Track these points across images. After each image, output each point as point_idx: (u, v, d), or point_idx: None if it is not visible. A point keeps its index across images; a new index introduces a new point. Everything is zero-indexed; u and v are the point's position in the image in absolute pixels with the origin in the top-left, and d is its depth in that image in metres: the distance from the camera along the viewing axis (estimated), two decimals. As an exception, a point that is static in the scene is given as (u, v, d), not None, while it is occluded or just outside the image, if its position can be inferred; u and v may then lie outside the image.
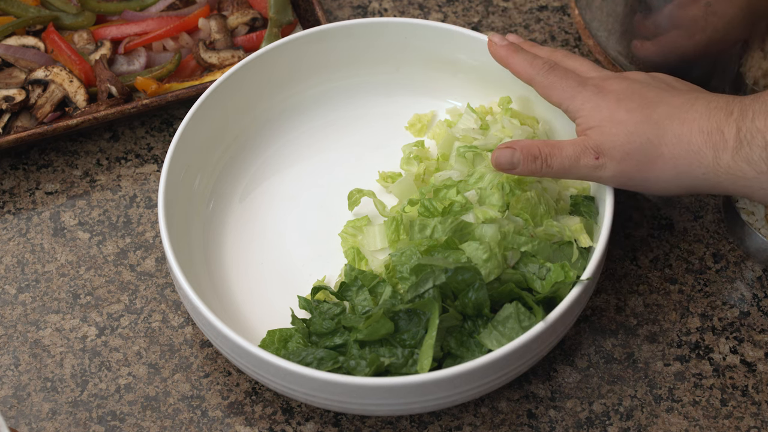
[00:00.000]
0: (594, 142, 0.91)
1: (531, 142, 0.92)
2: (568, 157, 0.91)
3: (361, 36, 1.06)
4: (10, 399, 0.95)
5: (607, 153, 0.90)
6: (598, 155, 0.90)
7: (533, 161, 0.92)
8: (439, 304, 0.88)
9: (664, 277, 1.01)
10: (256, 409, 0.95)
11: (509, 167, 0.92)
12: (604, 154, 0.90)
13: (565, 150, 0.91)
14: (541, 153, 0.92)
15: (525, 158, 0.92)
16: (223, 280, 0.99)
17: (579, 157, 0.91)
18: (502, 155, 0.93)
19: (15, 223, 1.05)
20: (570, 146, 0.91)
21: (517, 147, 0.92)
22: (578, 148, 0.91)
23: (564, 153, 0.91)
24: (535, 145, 0.92)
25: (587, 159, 0.91)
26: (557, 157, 0.91)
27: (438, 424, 0.94)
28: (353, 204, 1.01)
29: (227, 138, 1.05)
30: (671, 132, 0.89)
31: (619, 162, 0.90)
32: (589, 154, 0.91)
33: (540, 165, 0.92)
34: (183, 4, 1.17)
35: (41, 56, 1.12)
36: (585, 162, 0.91)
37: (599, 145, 0.90)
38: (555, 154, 0.92)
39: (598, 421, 0.94)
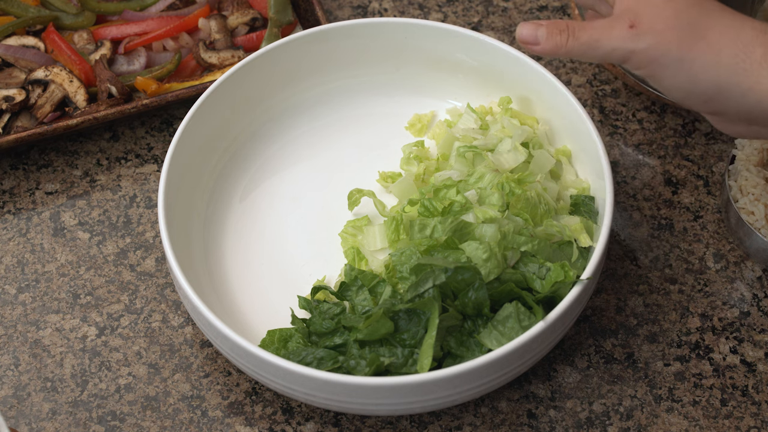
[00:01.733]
0: (633, 10, 0.83)
1: (557, 20, 0.86)
2: (598, 27, 0.84)
3: (361, 36, 1.06)
4: (10, 399, 0.95)
5: (645, 21, 0.83)
6: (633, 22, 0.83)
7: (559, 34, 0.85)
8: (439, 303, 0.88)
9: (664, 277, 1.01)
10: (256, 409, 0.95)
11: (532, 41, 0.86)
12: (641, 22, 0.83)
13: (596, 23, 0.84)
14: (569, 26, 0.85)
15: (550, 31, 0.85)
16: (223, 280, 0.99)
17: (611, 26, 0.83)
18: (526, 28, 0.86)
19: (15, 223, 1.05)
20: (602, 21, 0.84)
21: (543, 23, 0.86)
22: (611, 21, 0.84)
23: (594, 25, 0.84)
24: (564, 21, 0.86)
25: (621, 27, 0.83)
26: (585, 30, 0.84)
27: (438, 424, 0.94)
28: (353, 204, 1.01)
29: (227, 138, 1.05)
30: (722, 21, 0.82)
31: (658, 33, 0.83)
32: (623, 21, 0.83)
33: (566, 38, 0.85)
34: (183, 4, 1.17)
35: (41, 56, 1.12)
36: (618, 32, 0.83)
37: (639, 14, 0.83)
38: (584, 26, 0.84)
39: (598, 421, 0.94)
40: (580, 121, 0.98)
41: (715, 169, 1.07)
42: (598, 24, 0.84)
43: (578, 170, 1.02)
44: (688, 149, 1.09)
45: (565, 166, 1.01)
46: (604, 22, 0.84)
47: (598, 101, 1.12)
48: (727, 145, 1.09)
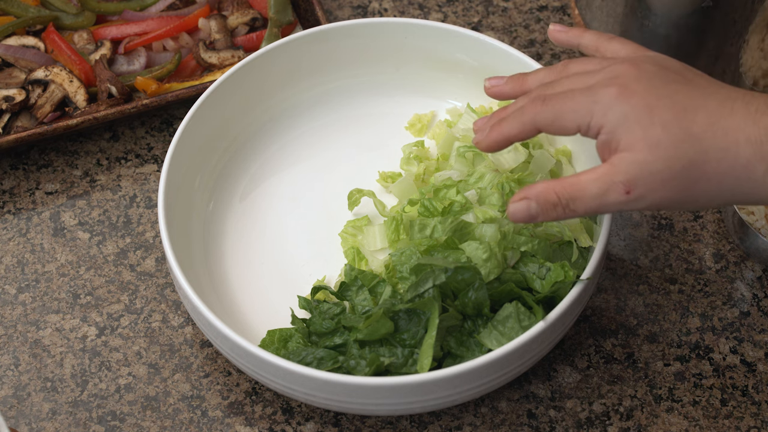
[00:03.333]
0: (623, 174, 0.77)
1: (545, 187, 0.80)
2: (592, 197, 0.79)
3: (361, 36, 1.06)
4: (10, 399, 0.95)
5: (641, 184, 0.77)
6: (629, 189, 0.78)
7: (553, 209, 0.80)
8: (439, 303, 0.88)
9: (664, 277, 1.01)
10: (256, 409, 0.95)
11: (528, 219, 0.81)
12: (637, 186, 0.77)
13: (588, 189, 0.79)
14: (561, 199, 0.80)
15: (543, 207, 0.80)
16: (223, 280, 0.99)
17: (606, 194, 0.78)
18: (517, 210, 0.81)
19: (15, 223, 1.05)
20: (593, 183, 0.79)
21: (531, 196, 0.81)
22: (603, 185, 0.78)
23: (587, 194, 0.79)
24: (551, 190, 0.80)
25: (616, 195, 0.78)
26: (580, 201, 0.79)
27: (438, 424, 0.94)
28: (353, 204, 1.01)
29: (227, 138, 1.05)
30: (715, 146, 0.77)
31: (656, 191, 0.78)
32: (617, 189, 0.78)
33: (562, 211, 0.80)
34: (183, 4, 1.17)
35: (41, 56, 1.12)
36: (614, 199, 0.78)
37: (631, 178, 0.77)
38: (576, 197, 0.79)
39: (598, 421, 0.94)
40: (580, 121, 0.98)
41: (715, 169, 1.07)
42: (591, 192, 0.79)
43: (578, 170, 1.02)
44: (688, 149, 1.09)
45: (565, 166, 1.01)
46: (596, 188, 0.78)
47: (598, 101, 1.12)
48: (727, 145, 1.09)
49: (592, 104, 0.79)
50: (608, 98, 0.78)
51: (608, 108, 0.78)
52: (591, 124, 0.79)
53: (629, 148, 0.77)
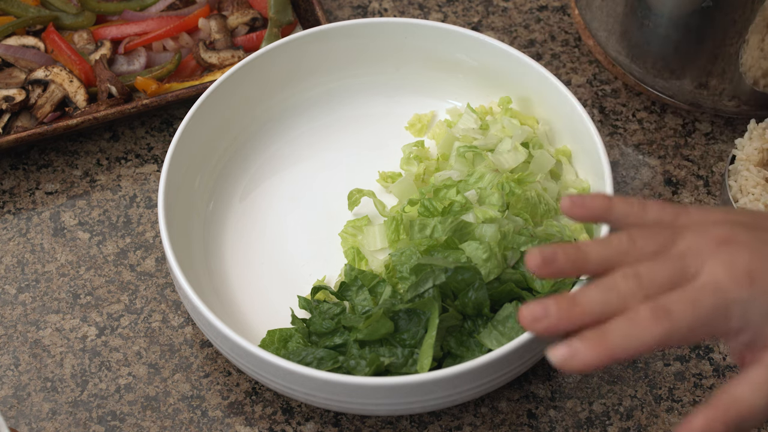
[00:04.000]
0: None
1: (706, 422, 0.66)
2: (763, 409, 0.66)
3: (361, 36, 1.06)
4: (10, 399, 0.95)
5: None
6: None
7: None
8: (439, 303, 0.88)
9: (664, 277, 1.01)
10: (256, 409, 0.95)
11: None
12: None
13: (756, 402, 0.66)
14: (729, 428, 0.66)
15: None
16: (223, 280, 0.99)
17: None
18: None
19: (15, 223, 1.05)
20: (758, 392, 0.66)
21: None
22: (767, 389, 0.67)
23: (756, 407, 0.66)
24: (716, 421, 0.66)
25: None
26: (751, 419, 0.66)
27: (438, 424, 0.94)
28: (353, 204, 1.01)
29: (227, 138, 1.05)
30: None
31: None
32: None
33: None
34: (183, 4, 1.17)
35: (41, 56, 1.12)
36: None
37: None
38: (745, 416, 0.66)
39: (598, 421, 0.94)
40: (580, 121, 0.98)
41: (715, 169, 1.07)
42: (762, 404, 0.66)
43: (578, 170, 1.02)
44: (688, 149, 1.09)
45: (565, 166, 1.01)
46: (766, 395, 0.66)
47: (598, 101, 1.12)
48: (727, 145, 1.09)
49: (727, 307, 0.67)
50: (744, 293, 0.67)
51: (747, 305, 0.67)
52: (730, 329, 0.67)
53: None
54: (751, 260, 0.67)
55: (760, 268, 0.67)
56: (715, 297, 0.66)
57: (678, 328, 0.66)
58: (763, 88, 1.03)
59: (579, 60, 1.15)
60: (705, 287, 0.67)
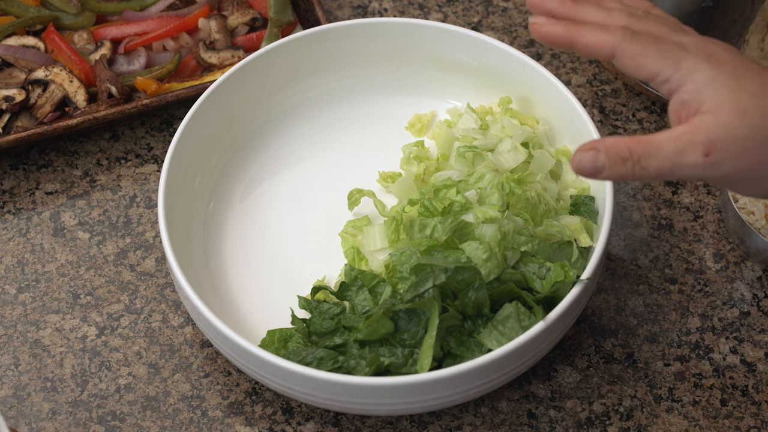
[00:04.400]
0: (705, 134, 0.74)
1: (617, 141, 0.75)
2: (667, 156, 0.74)
3: (361, 36, 1.06)
4: (10, 399, 0.95)
5: (722, 148, 0.74)
6: (709, 151, 0.74)
7: (622, 164, 0.75)
8: (439, 303, 0.88)
9: (664, 277, 1.01)
10: (256, 409, 0.95)
11: (593, 172, 0.76)
12: (717, 149, 0.74)
13: (664, 147, 0.74)
14: (632, 154, 0.75)
15: (612, 161, 0.75)
16: (223, 280, 0.99)
17: (682, 154, 0.74)
18: (584, 159, 0.75)
19: (15, 223, 1.05)
20: (670, 142, 0.75)
21: (601, 148, 0.75)
22: (681, 144, 0.74)
23: (662, 152, 0.74)
24: (624, 145, 0.75)
25: (694, 156, 0.74)
26: (653, 158, 0.75)
27: (438, 424, 0.94)
28: (353, 204, 1.01)
29: (227, 138, 1.05)
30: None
31: (735, 158, 0.74)
32: (696, 150, 0.74)
33: (631, 168, 0.75)
34: (183, 4, 1.17)
35: (41, 56, 1.12)
36: (691, 160, 0.74)
37: (712, 139, 0.74)
38: (650, 154, 0.75)
39: (598, 421, 0.94)
40: (580, 121, 0.98)
41: (715, 169, 1.07)
42: (667, 151, 0.74)
43: (578, 170, 1.02)
44: (688, 149, 1.09)
45: (565, 166, 1.01)
46: (672, 147, 0.74)
47: (598, 101, 1.12)
48: (727, 145, 1.09)
49: (681, 58, 0.76)
50: (698, 59, 0.75)
51: (696, 67, 0.75)
52: (673, 77, 0.76)
53: (714, 111, 0.74)
54: (721, 51, 0.76)
55: (723, 58, 0.76)
56: (675, 47, 0.77)
57: (633, 45, 0.77)
58: (763, 88, 1.03)
59: (579, 60, 1.15)
60: (673, 40, 0.77)
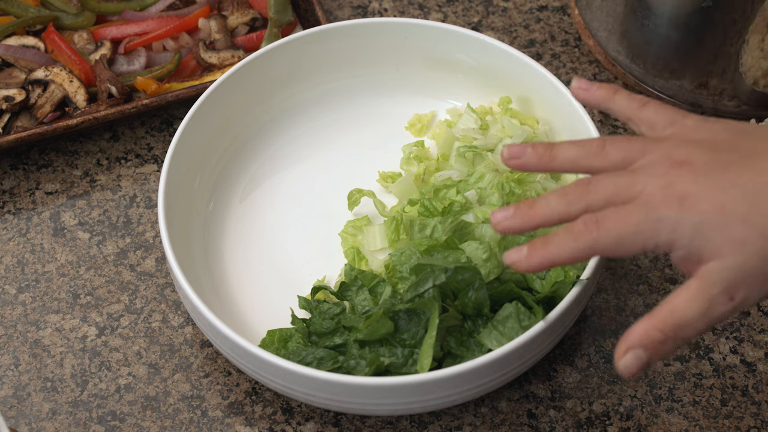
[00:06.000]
0: (720, 284, 0.70)
1: (645, 329, 0.72)
2: (697, 318, 0.71)
3: (361, 36, 1.06)
4: (10, 399, 0.95)
5: (742, 287, 0.70)
6: (732, 296, 0.71)
7: (663, 347, 0.72)
8: (439, 303, 0.88)
9: (664, 277, 1.01)
10: (256, 409, 0.95)
11: (644, 369, 0.73)
12: (739, 291, 0.70)
13: (690, 313, 0.71)
14: (666, 334, 0.71)
15: (654, 352, 0.72)
16: (223, 280, 0.99)
17: (710, 311, 0.71)
18: (629, 366, 0.72)
19: (15, 223, 1.05)
20: (692, 304, 0.71)
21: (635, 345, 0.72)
22: (704, 302, 0.71)
23: (691, 317, 0.71)
24: (653, 329, 0.71)
25: (721, 308, 0.71)
26: (687, 328, 0.71)
27: (438, 424, 0.94)
28: (353, 204, 1.01)
29: (227, 138, 1.05)
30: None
31: (759, 288, 0.71)
32: (720, 301, 0.71)
33: (672, 345, 0.72)
34: (183, 4, 1.17)
35: (41, 56, 1.12)
36: (720, 311, 0.71)
37: (729, 286, 0.70)
38: (682, 325, 0.71)
39: (598, 421, 0.94)
40: (580, 121, 0.98)
41: (715, 169, 1.07)
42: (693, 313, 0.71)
43: (578, 170, 1.02)
44: (688, 149, 1.09)
45: (565, 166, 1.01)
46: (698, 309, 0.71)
47: (598, 101, 1.12)
48: (727, 145, 1.09)
49: (655, 223, 0.71)
50: (672, 213, 0.71)
51: (676, 223, 0.71)
52: (659, 244, 0.72)
53: (715, 256, 0.70)
54: (690, 184, 0.71)
55: (695, 192, 0.71)
56: (644, 214, 0.72)
57: (606, 237, 0.72)
58: (763, 88, 1.03)
59: (579, 60, 1.15)
60: (637, 204, 0.72)
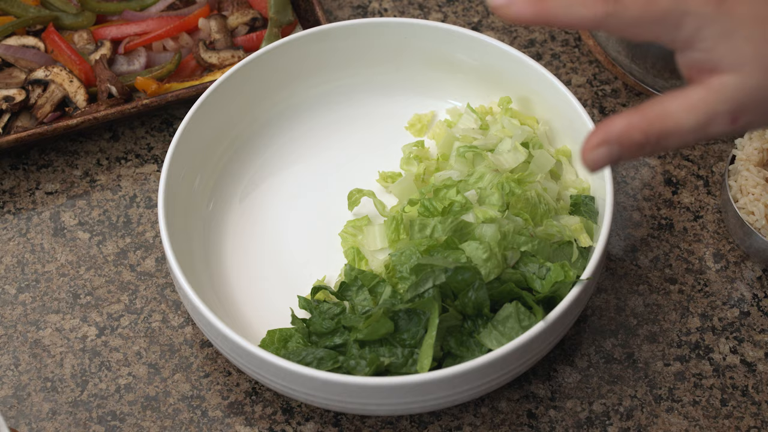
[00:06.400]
0: (729, 102, 0.64)
1: (626, 125, 0.66)
2: (690, 130, 0.65)
3: (361, 36, 1.06)
4: (10, 399, 0.95)
5: (751, 112, 0.64)
6: (736, 118, 0.65)
7: (639, 150, 0.66)
8: (439, 303, 0.88)
9: (664, 277, 1.01)
10: (256, 409, 0.95)
11: (609, 165, 0.68)
12: (746, 114, 0.64)
13: (684, 123, 0.64)
14: (648, 137, 0.65)
15: (628, 150, 0.66)
16: (223, 280, 0.99)
17: (707, 126, 0.64)
18: (597, 159, 0.66)
19: (15, 223, 1.05)
20: (689, 114, 0.65)
21: (612, 140, 0.66)
22: (703, 115, 0.64)
23: (683, 128, 0.65)
24: (636, 129, 0.65)
25: (720, 126, 0.65)
26: (674, 137, 0.65)
27: (438, 424, 0.94)
28: (353, 204, 1.01)
29: (227, 138, 1.05)
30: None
31: (764, 115, 0.65)
32: (722, 120, 0.65)
33: (651, 150, 0.66)
34: (183, 4, 1.17)
35: (41, 56, 1.12)
36: (716, 130, 0.65)
37: (738, 107, 0.64)
38: (670, 133, 0.65)
39: (598, 421, 0.94)
40: (580, 121, 0.98)
41: (715, 169, 1.07)
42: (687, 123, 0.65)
43: (578, 170, 1.02)
44: (688, 149, 1.09)
45: (565, 166, 1.01)
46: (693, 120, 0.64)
47: (598, 101, 1.12)
48: (727, 145, 1.09)
49: (682, 16, 0.64)
50: (705, 9, 0.64)
51: (705, 22, 0.64)
52: (676, 39, 0.65)
53: (735, 69, 0.64)
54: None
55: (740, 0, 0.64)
56: (673, 1, 0.64)
57: (622, 16, 0.64)
58: (763, 88, 1.03)
59: (579, 60, 1.15)
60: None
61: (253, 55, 1.03)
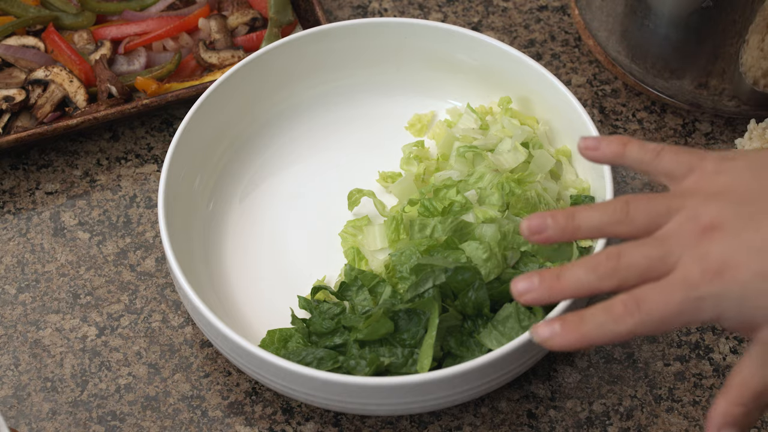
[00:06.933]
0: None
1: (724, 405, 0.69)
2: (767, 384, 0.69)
3: (361, 36, 1.06)
4: (10, 399, 0.95)
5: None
6: None
7: (746, 417, 0.69)
8: (439, 303, 0.88)
9: (664, 277, 1.01)
10: (256, 409, 0.95)
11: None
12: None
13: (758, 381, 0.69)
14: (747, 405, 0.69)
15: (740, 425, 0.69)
16: (223, 280, 0.99)
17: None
18: None
19: (15, 223, 1.05)
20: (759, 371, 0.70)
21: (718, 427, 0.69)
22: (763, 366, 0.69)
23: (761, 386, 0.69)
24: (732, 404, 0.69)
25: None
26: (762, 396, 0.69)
27: (438, 424, 0.94)
28: (353, 204, 1.01)
29: (227, 138, 1.05)
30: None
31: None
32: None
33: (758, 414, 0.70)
34: (183, 4, 1.17)
35: (41, 56, 1.12)
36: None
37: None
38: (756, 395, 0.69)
39: (598, 421, 0.94)
40: (580, 121, 0.98)
41: (715, 169, 1.07)
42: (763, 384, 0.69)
43: (578, 170, 1.02)
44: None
45: (565, 166, 1.01)
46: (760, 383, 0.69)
47: (598, 101, 1.12)
48: (727, 145, 1.09)
49: (698, 302, 0.68)
50: (713, 289, 0.68)
51: (719, 299, 0.68)
52: (704, 320, 0.69)
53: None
54: (724, 252, 0.68)
55: (731, 261, 0.68)
56: (686, 293, 0.68)
57: (649, 321, 0.69)
58: (763, 88, 1.03)
59: (579, 60, 1.15)
60: (676, 282, 0.68)
61: (253, 55, 1.03)
